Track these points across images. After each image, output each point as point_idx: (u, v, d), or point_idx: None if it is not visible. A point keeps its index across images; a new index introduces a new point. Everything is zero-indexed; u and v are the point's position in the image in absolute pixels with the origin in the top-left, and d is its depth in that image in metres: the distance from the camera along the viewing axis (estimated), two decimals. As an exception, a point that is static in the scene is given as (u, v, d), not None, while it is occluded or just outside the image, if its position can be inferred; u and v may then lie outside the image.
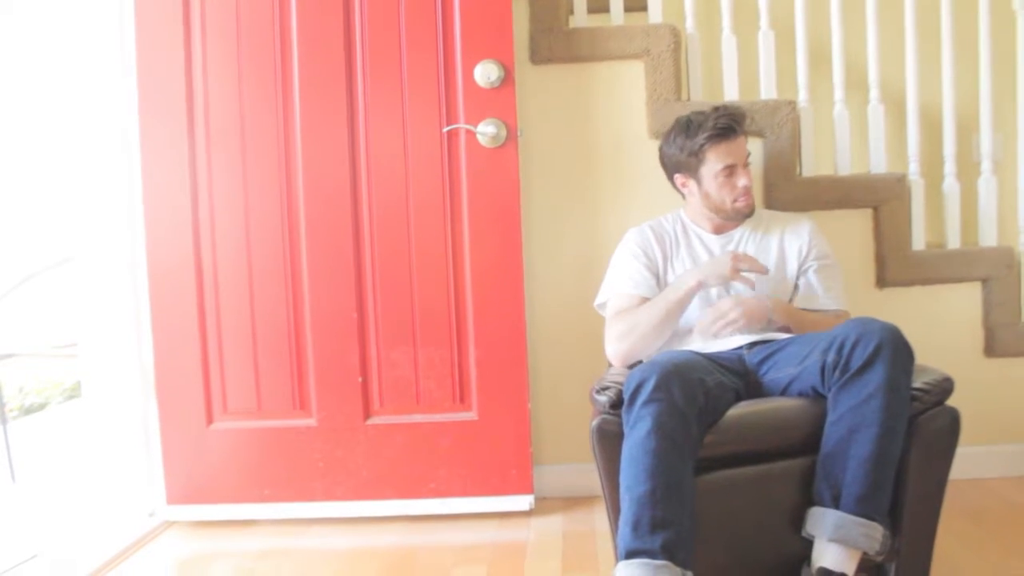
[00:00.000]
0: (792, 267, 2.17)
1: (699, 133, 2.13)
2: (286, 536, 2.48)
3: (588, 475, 2.42)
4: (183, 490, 2.57)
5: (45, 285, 3.96)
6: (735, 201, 2.15)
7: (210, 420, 2.56)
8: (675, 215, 2.30)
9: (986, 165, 2.63)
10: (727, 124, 2.12)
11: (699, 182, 2.18)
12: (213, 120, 2.51)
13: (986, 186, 2.62)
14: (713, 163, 2.13)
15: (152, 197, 2.53)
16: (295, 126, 2.50)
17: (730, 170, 2.13)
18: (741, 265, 2.02)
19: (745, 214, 2.18)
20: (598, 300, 2.31)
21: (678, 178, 2.24)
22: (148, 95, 2.51)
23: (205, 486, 2.57)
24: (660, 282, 2.19)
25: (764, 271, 2.03)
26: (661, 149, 2.27)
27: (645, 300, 2.15)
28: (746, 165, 2.15)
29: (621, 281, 2.21)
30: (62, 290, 3.71)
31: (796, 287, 2.17)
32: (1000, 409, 2.61)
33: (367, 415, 2.53)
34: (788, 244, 2.18)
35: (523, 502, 2.51)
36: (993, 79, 2.59)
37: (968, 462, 2.49)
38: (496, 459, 2.51)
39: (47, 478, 3.31)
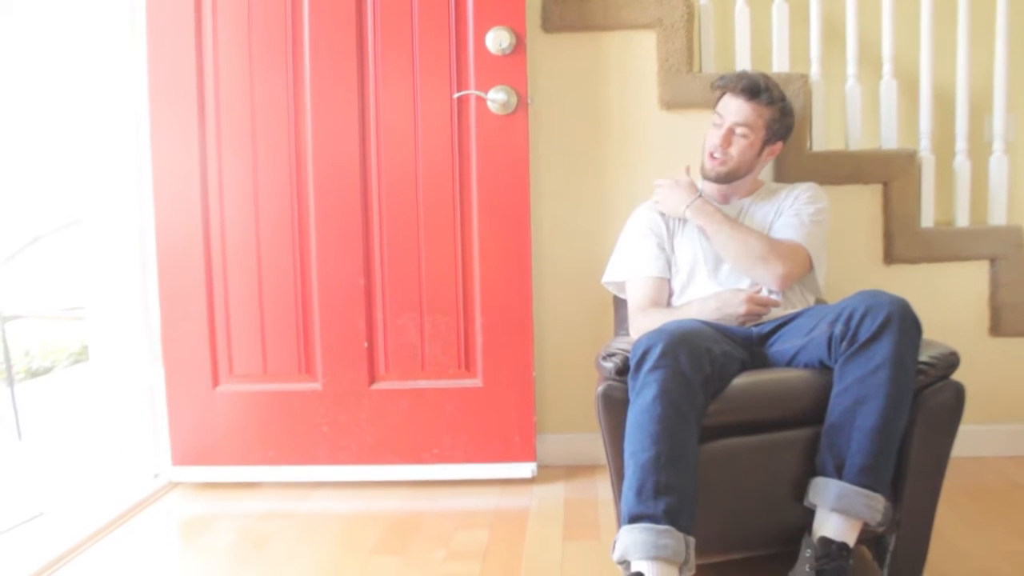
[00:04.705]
0: None
1: (723, 79, 2.19)
2: (290, 499, 2.50)
3: (590, 444, 2.45)
4: (188, 452, 2.59)
5: (53, 246, 3.96)
6: (707, 154, 2.17)
7: (216, 382, 2.57)
8: None
9: (998, 144, 2.62)
10: (735, 80, 2.14)
11: None
12: (223, 84, 2.50)
13: (997, 165, 2.61)
14: (716, 107, 2.18)
15: (161, 160, 2.52)
16: (305, 90, 2.49)
17: (717, 121, 2.15)
18: (755, 308, 2.00)
19: (707, 173, 2.19)
20: (607, 277, 2.31)
21: None
22: (158, 59, 2.50)
23: (210, 448, 2.58)
24: (668, 257, 2.20)
25: (777, 304, 2.03)
26: None
27: (662, 280, 2.18)
28: (739, 134, 2.13)
29: (638, 263, 2.21)
30: (70, 252, 3.72)
31: None
32: (1004, 388, 2.62)
33: (372, 380, 2.54)
34: (786, 205, 2.19)
35: (526, 469, 2.53)
36: (1009, 59, 2.58)
37: (970, 440, 2.49)
38: (500, 426, 2.52)
39: (53, 439, 3.33)
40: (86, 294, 2.64)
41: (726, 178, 2.17)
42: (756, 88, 2.13)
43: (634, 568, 1.57)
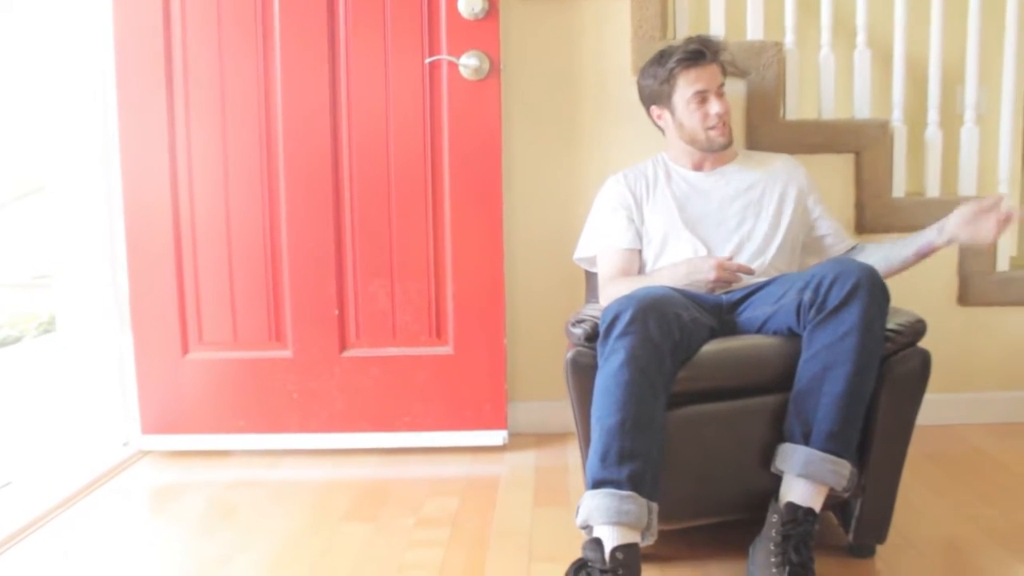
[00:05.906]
0: (789, 209, 2.16)
1: (670, 59, 2.13)
2: (260, 467, 2.49)
3: (561, 412, 2.44)
4: (158, 420, 2.57)
5: (21, 213, 3.90)
6: (709, 129, 2.13)
7: (185, 350, 2.55)
8: (658, 158, 2.28)
9: (969, 115, 2.63)
10: (697, 49, 2.11)
11: (673, 111, 2.17)
12: (191, 48, 2.46)
13: (968, 136, 2.63)
14: (684, 89, 2.12)
15: (128, 125, 2.48)
16: (275, 54, 2.45)
17: (701, 96, 2.12)
18: (724, 275, 1.98)
19: (721, 143, 2.15)
20: (579, 254, 2.30)
21: (654, 111, 2.23)
22: (124, 22, 2.45)
23: (180, 416, 2.56)
24: (638, 229, 2.19)
25: (751, 272, 2.02)
26: (638, 83, 2.26)
27: (633, 251, 2.17)
28: (720, 94, 2.12)
29: (608, 236, 2.20)
30: (38, 219, 3.66)
31: (816, 235, 2.21)
32: (970, 357, 2.65)
33: (343, 347, 2.53)
34: (788, 187, 2.17)
35: (497, 437, 2.53)
36: (981, 31, 2.58)
37: (936, 409, 2.53)
38: (471, 394, 2.52)
39: (21, 409, 3.30)
40: (53, 262, 2.61)
41: (730, 138, 2.18)
42: (717, 47, 2.14)
43: (596, 533, 1.57)
